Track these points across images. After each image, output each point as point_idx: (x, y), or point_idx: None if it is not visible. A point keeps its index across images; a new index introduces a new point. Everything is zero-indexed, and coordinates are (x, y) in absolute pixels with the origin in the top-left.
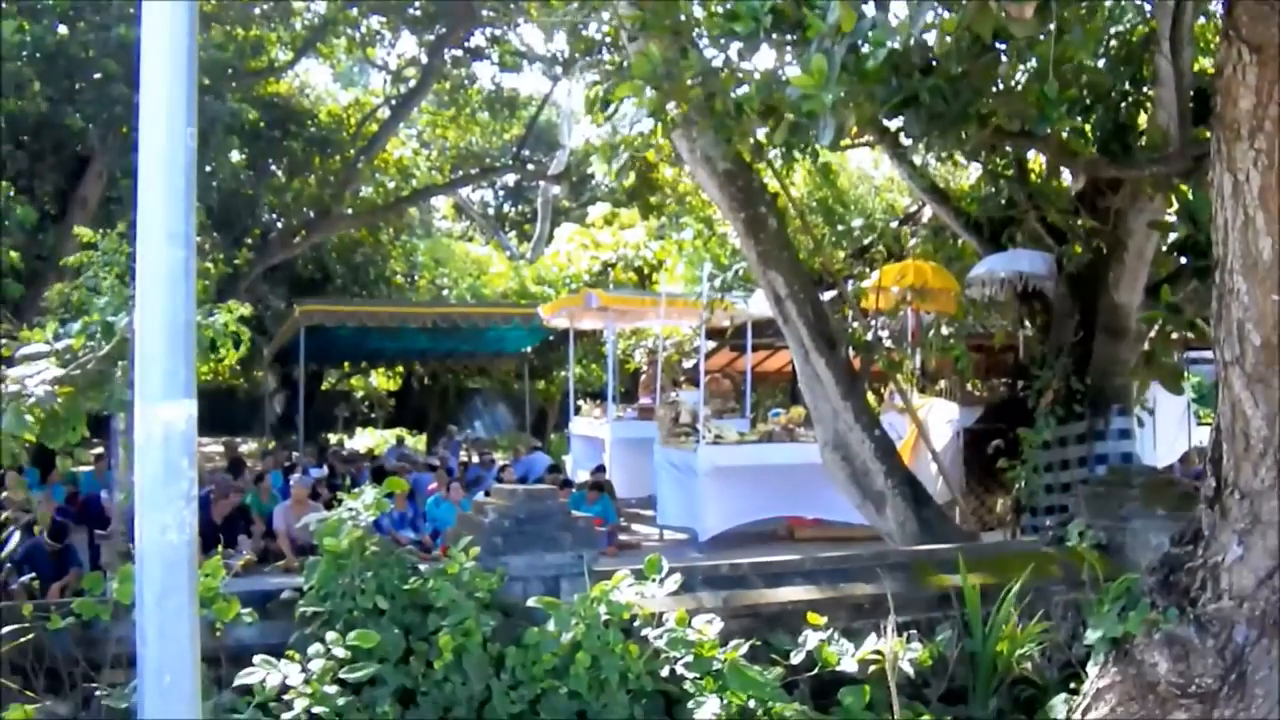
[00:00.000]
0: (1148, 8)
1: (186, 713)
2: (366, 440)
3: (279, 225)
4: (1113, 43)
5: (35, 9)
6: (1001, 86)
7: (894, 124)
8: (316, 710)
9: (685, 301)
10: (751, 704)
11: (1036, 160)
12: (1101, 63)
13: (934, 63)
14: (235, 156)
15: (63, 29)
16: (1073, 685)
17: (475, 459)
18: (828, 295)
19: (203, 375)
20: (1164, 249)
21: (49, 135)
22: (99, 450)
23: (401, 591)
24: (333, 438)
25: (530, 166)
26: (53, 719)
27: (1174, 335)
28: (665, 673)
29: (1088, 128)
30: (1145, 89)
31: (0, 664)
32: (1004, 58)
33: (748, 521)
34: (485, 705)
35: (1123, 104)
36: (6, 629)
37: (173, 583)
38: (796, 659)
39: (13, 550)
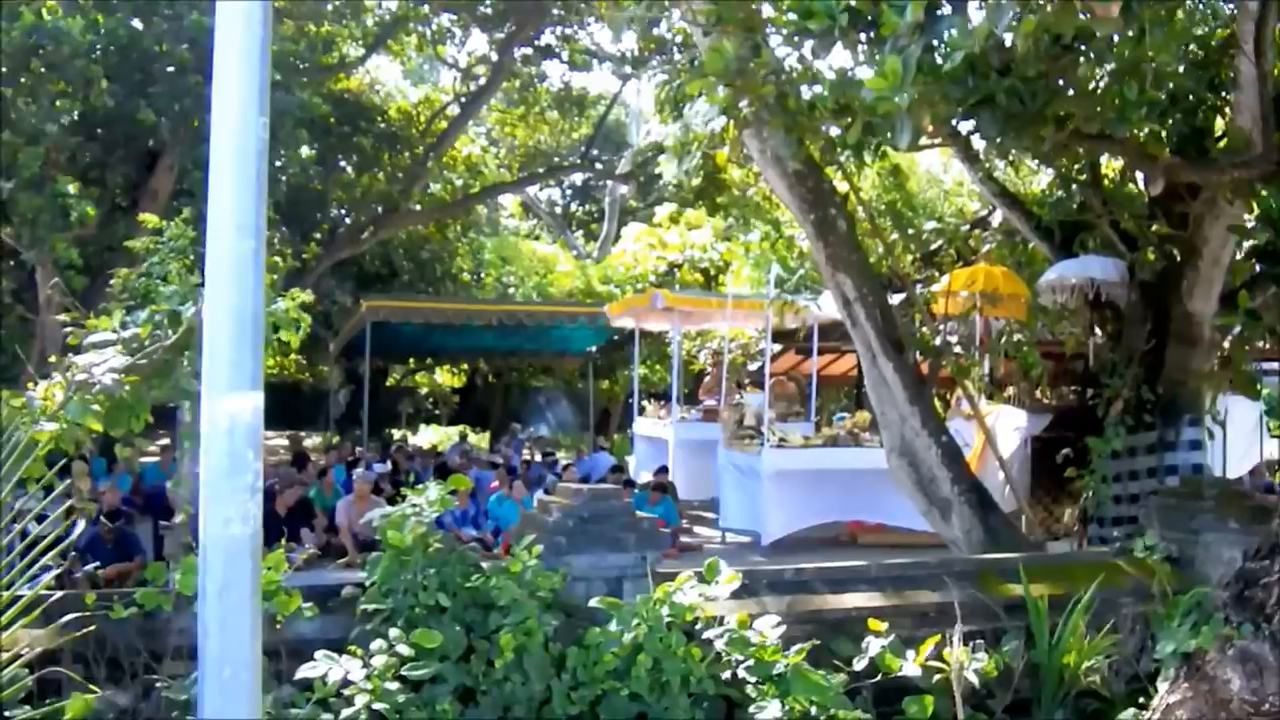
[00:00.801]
0: (1228, 10)
1: (246, 707)
2: (430, 436)
3: (347, 221)
4: (1192, 45)
5: (109, 4)
6: (1079, 88)
7: (967, 126)
8: (377, 706)
9: (751, 303)
10: (813, 710)
11: (1110, 165)
12: (1181, 66)
13: (1011, 64)
14: (305, 151)
15: (137, 23)
16: (1140, 700)
17: (537, 457)
18: (896, 299)
19: (269, 369)
20: (1240, 255)
21: (120, 128)
22: (165, 441)
23: (464, 589)
24: (396, 433)
25: (598, 166)
26: (113, 710)
27: (1249, 344)
28: (727, 676)
29: (1164, 132)
30: (1225, 93)
31: (62, 653)
32: (1082, 59)
33: (810, 525)
34: (545, 705)
35: (1201, 108)
36: (69, 618)
37: (235, 575)
38: (859, 666)
39: (75, 539)
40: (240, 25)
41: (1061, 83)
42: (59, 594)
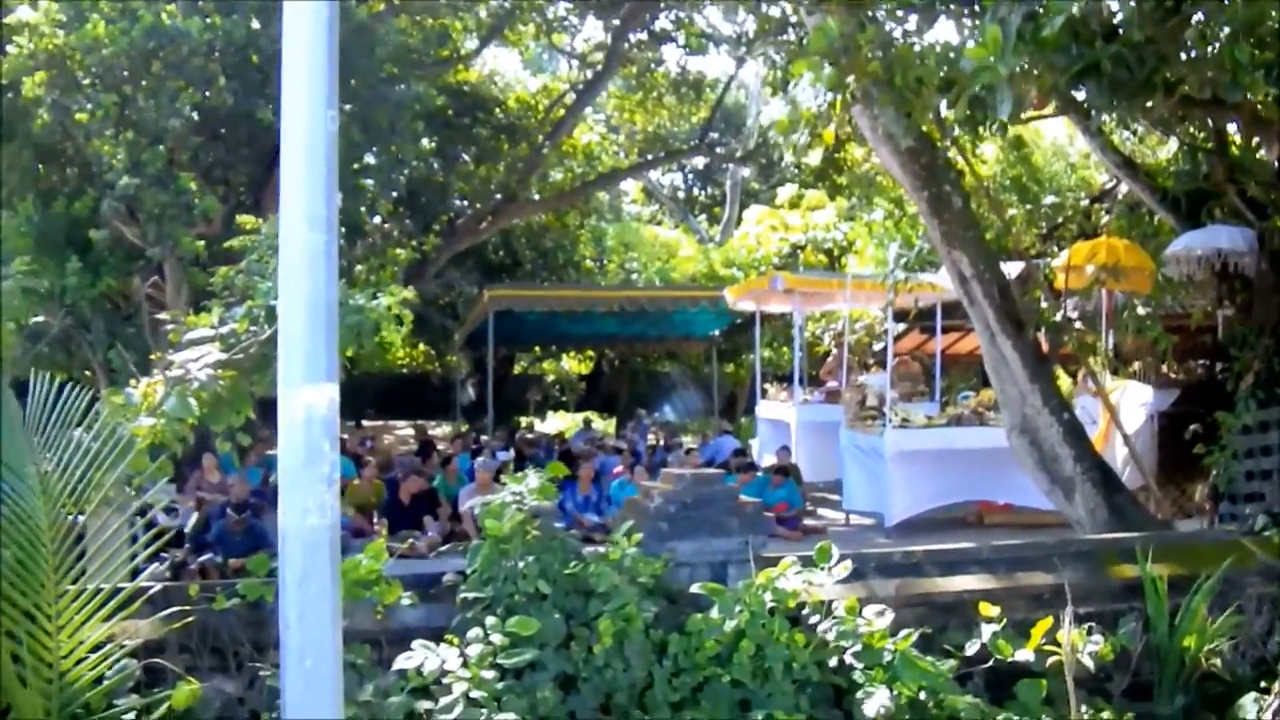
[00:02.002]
0: None
1: (328, 697)
2: (557, 423)
3: (467, 211)
4: None
5: (228, 6)
6: (1189, 52)
7: (1080, 95)
8: (475, 695)
9: (873, 283)
10: (923, 695)
11: (1236, 134)
12: None
13: (1116, 29)
14: (425, 144)
15: (255, 23)
16: (1264, 684)
17: (663, 442)
18: (1015, 273)
19: (398, 361)
20: None
21: (242, 128)
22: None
23: (563, 576)
24: (523, 421)
25: (718, 150)
26: (221, 698)
27: None
28: (834, 663)
29: None
30: None
31: (167, 643)
32: (1192, 21)
33: (936, 507)
34: (646, 692)
35: None
36: (172, 609)
37: (313, 566)
38: (971, 650)
39: (198, 529)
40: (308, 19)
41: (1170, 47)
42: (159, 585)
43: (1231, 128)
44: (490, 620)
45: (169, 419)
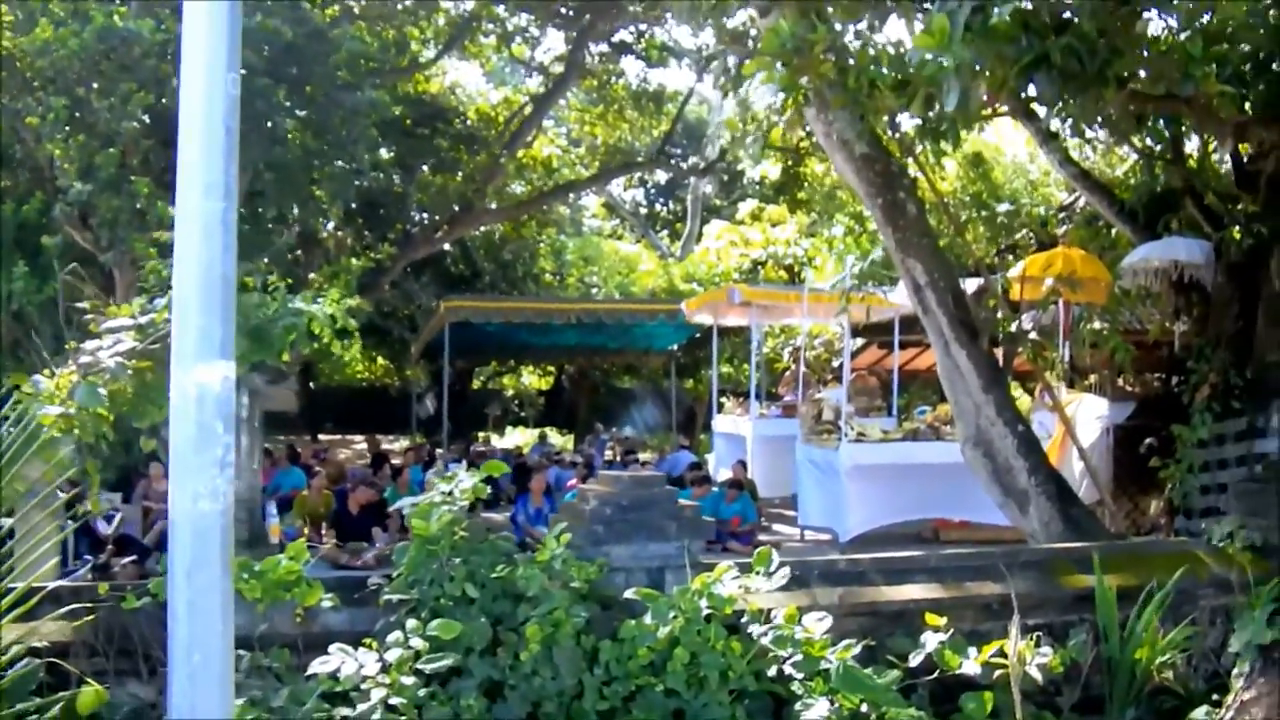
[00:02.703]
0: None
1: (217, 695)
2: (516, 439)
3: (424, 221)
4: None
5: (181, 6)
6: (1141, 46)
7: (1029, 92)
8: (394, 701)
9: (830, 296)
10: (864, 708)
11: (1193, 148)
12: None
13: (1067, 20)
14: (384, 154)
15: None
16: (1217, 696)
17: (619, 457)
18: (972, 286)
19: (357, 374)
20: None
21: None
22: None
23: (492, 580)
24: (481, 436)
25: (676, 163)
26: (134, 703)
27: None
28: (773, 672)
29: (1245, 94)
30: None
31: (73, 645)
32: (1143, 14)
33: (892, 522)
34: (576, 701)
35: None
36: (75, 608)
37: (204, 555)
38: (915, 661)
39: (119, 530)
40: None
41: (1122, 39)
42: (61, 584)
43: (1190, 144)
44: (411, 623)
45: (78, 409)
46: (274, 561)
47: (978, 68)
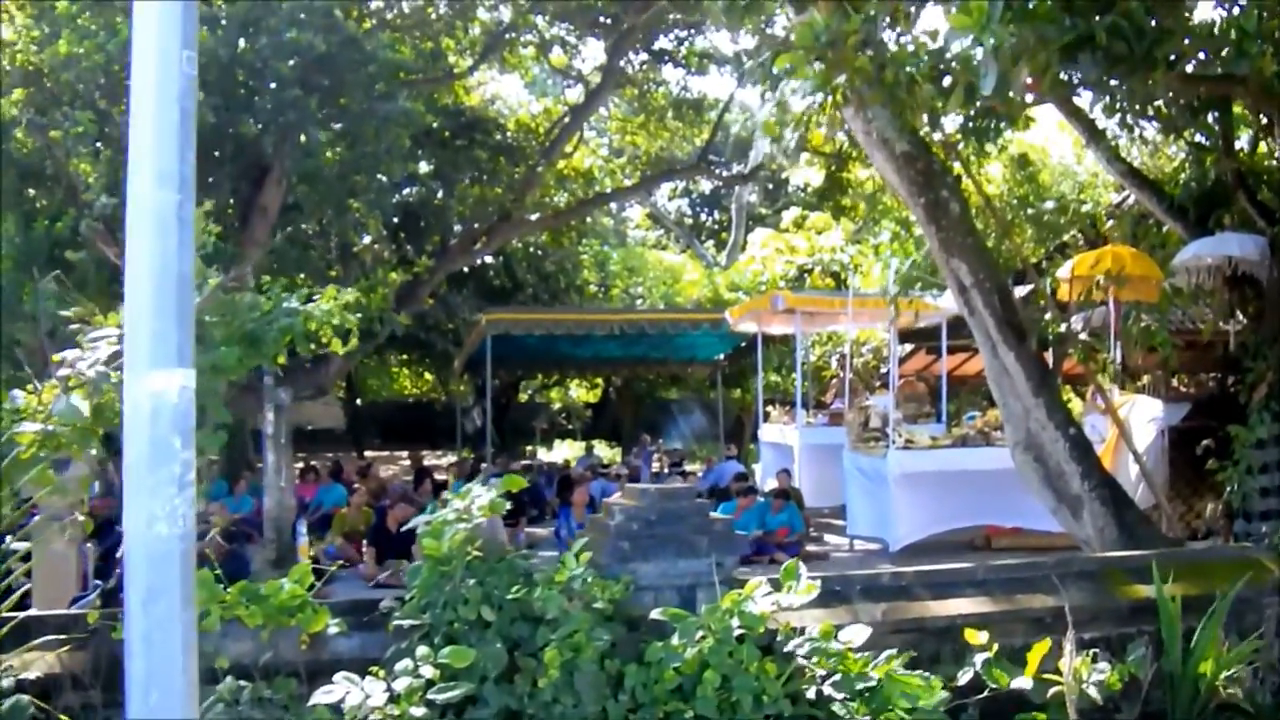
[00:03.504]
0: None
1: None
2: (564, 452)
3: (461, 232)
4: None
5: (209, 20)
6: (1191, 24)
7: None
8: None
9: (875, 301)
10: None
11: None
12: None
13: None
14: (423, 166)
15: (242, 42)
16: None
17: (666, 468)
18: (1021, 292)
19: (404, 390)
20: None
21: (227, 144)
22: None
23: (509, 601)
24: (529, 449)
25: (717, 170)
26: None
27: None
28: (811, 694)
29: None
30: None
31: (61, 676)
32: None
33: (942, 531)
34: None
35: None
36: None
37: (161, 583)
38: (964, 679)
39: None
40: None
41: (1171, 18)
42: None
43: (1241, 139)
44: (422, 650)
45: (58, 423)
46: (276, 586)
47: (1017, 49)
